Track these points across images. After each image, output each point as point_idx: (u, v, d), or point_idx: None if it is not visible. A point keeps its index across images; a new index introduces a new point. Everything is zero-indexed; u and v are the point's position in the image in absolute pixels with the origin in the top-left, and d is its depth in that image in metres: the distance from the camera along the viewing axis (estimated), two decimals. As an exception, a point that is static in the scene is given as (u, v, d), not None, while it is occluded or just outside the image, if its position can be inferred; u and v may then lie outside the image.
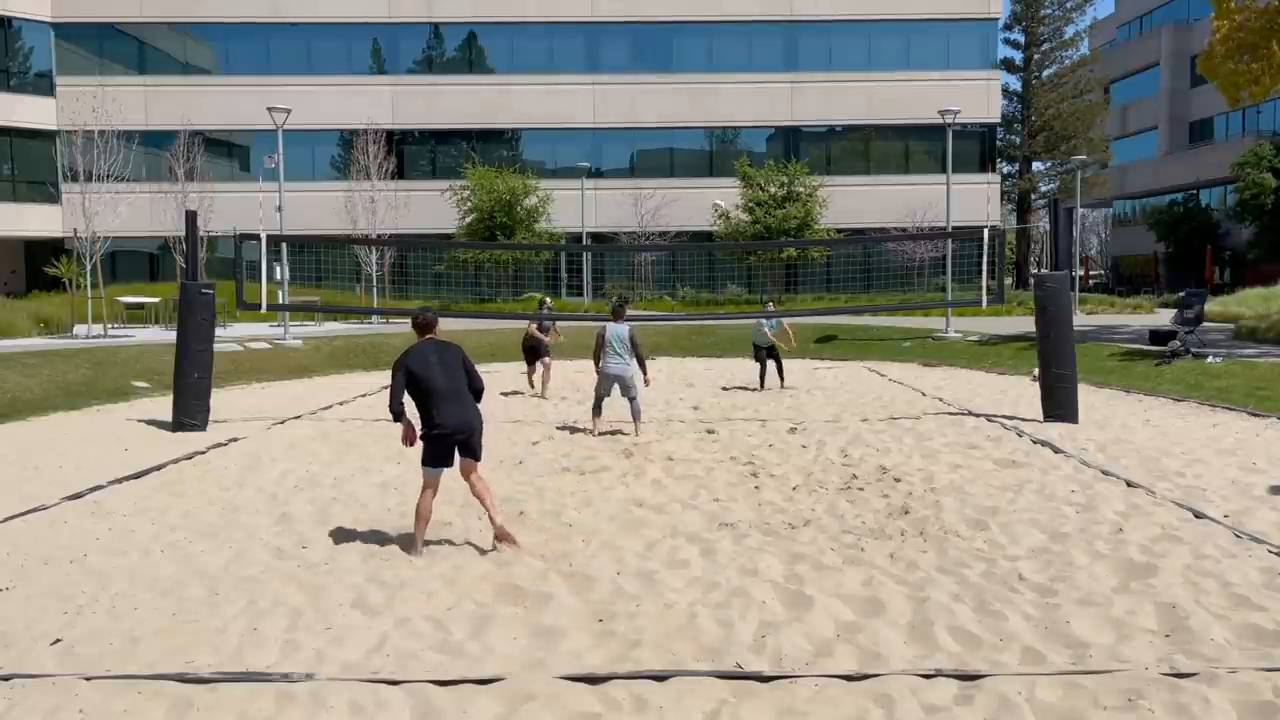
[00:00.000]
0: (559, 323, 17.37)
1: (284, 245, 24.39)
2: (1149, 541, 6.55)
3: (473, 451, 6.67)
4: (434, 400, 6.40)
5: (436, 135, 41.78)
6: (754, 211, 35.91)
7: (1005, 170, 51.05)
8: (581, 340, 24.99)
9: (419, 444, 6.62)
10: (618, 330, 11.53)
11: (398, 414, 6.44)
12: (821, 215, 36.76)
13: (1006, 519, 7.23)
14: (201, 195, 27.47)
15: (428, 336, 6.66)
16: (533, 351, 15.91)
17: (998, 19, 42.72)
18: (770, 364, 16.41)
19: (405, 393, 6.44)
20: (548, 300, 18.03)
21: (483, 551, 6.68)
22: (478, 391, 6.65)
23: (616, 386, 11.58)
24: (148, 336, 21.78)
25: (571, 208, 37.54)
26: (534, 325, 15.85)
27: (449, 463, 6.61)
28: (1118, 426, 11.52)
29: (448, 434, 6.48)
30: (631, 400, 11.57)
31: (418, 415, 6.57)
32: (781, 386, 16.36)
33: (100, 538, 7.05)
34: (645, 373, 11.71)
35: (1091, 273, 66.23)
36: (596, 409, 11.73)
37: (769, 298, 18.05)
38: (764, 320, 16.06)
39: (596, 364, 11.73)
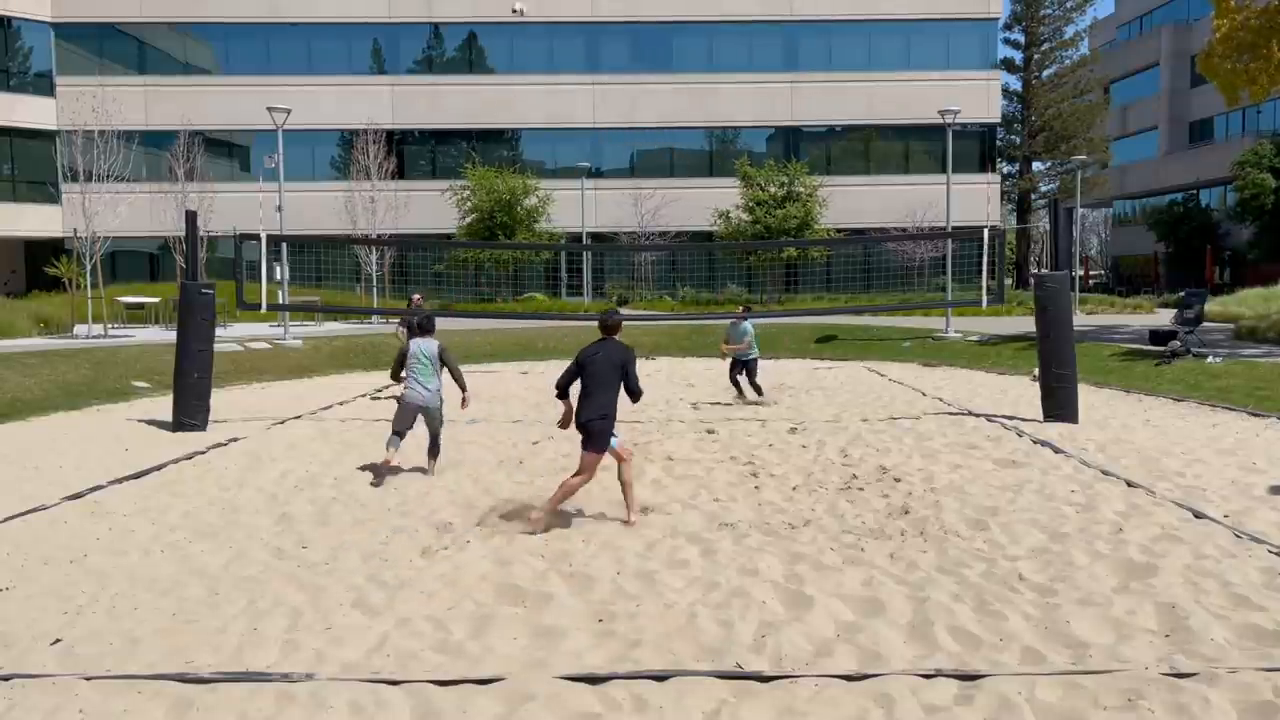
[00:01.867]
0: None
1: (284, 245, 24.40)
2: (1149, 541, 6.55)
3: (591, 445, 7.22)
4: (581, 393, 7.20)
5: (436, 135, 41.79)
6: (754, 211, 35.93)
7: (1005, 170, 51.06)
8: (583, 340, 25.02)
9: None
10: (424, 346, 9.32)
11: (559, 392, 7.35)
12: (821, 215, 36.78)
13: (1006, 519, 7.23)
14: (201, 195, 27.47)
15: (607, 337, 7.38)
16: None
17: (998, 19, 42.73)
18: (737, 374, 14.81)
19: (576, 380, 7.25)
20: (416, 295, 16.74)
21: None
22: (632, 393, 7.29)
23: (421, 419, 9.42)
24: (148, 336, 21.78)
25: (571, 208, 37.55)
26: (402, 330, 14.42)
27: (587, 446, 7.27)
28: (1118, 426, 11.52)
29: (579, 424, 7.20)
30: (434, 435, 9.50)
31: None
32: (739, 394, 14.80)
33: (100, 538, 7.05)
34: (465, 389, 9.50)
35: (1091, 273, 66.23)
36: (392, 442, 9.17)
37: (747, 299, 15.95)
38: (739, 326, 14.51)
39: (394, 378, 9.74)
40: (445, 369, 9.32)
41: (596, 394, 7.13)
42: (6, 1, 38.04)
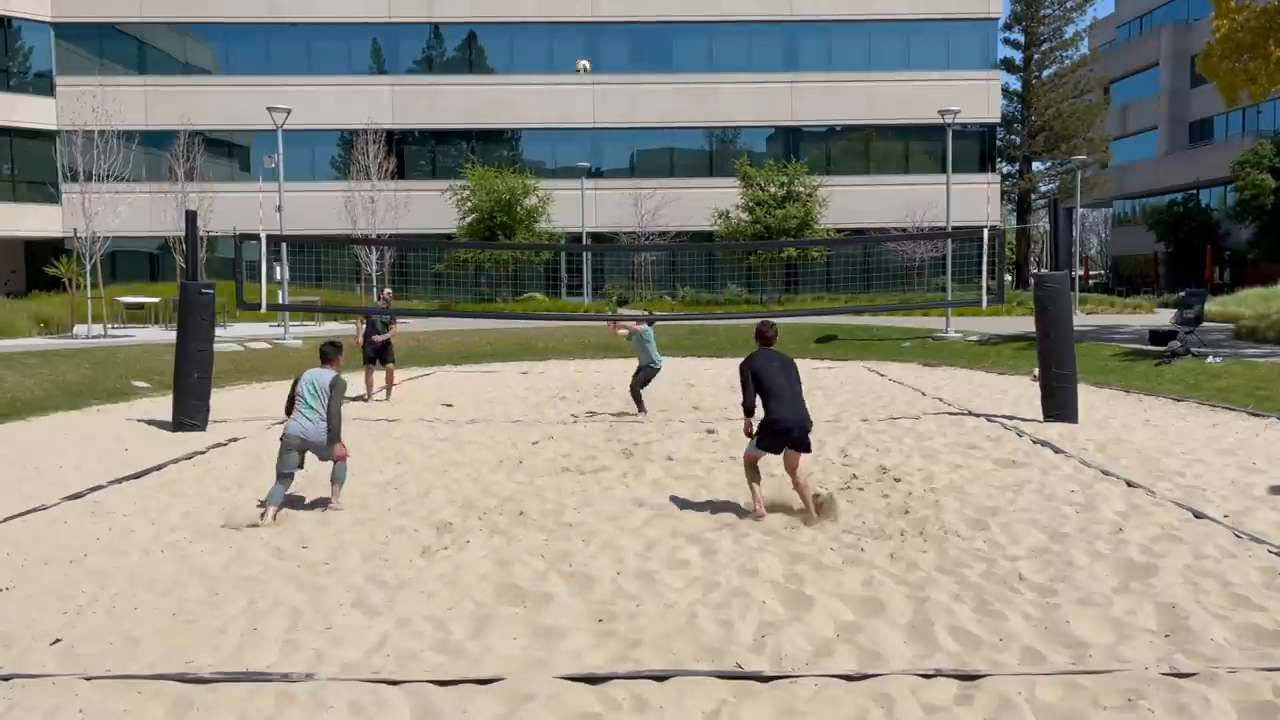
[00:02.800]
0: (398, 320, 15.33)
1: (284, 245, 24.39)
2: (1149, 541, 6.55)
3: (804, 446, 7.44)
4: (775, 398, 7.30)
5: (436, 135, 41.79)
6: (754, 211, 35.96)
7: (1005, 170, 51.05)
8: (583, 339, 25.02)
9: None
10: (317, 377, 7.93)
11: (750, 409, 7.44)
12: (821, 215, 36.81)
13: (1006, 519, 7.23)
14: (201, 195, 27.49)
15: (767, 347, 7.62)
16: (379, 355, 14.54)
17: (998, 19, 42.73)
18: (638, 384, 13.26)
19: (755, 391, 7.39)
20: (386, 290, 16.49)
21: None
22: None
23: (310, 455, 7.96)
24: (148, 336, 21.79)
25: (571, 208, 37.56)
26: (361, 325, 14.51)
27: (776, 450, 7.42)
28: (1118, 426, 11.52)
29: (786, 427, 7.28)
30: (334, 467, 8.04)
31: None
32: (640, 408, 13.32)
33: (100, 538, 7.05)
34: (338, 437, 7.85)
35: (1091, 273, 66.23)
36: (273, 496, 7.72)
37: (626, 298, 12.94)
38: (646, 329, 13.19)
39: (287, 413, 8.11)
40: (328, 405, 7.78)
41: (797, 399, 7.34)
42: (6, 1, 38.04)
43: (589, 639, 5.04)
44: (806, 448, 7.45)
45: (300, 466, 7.89)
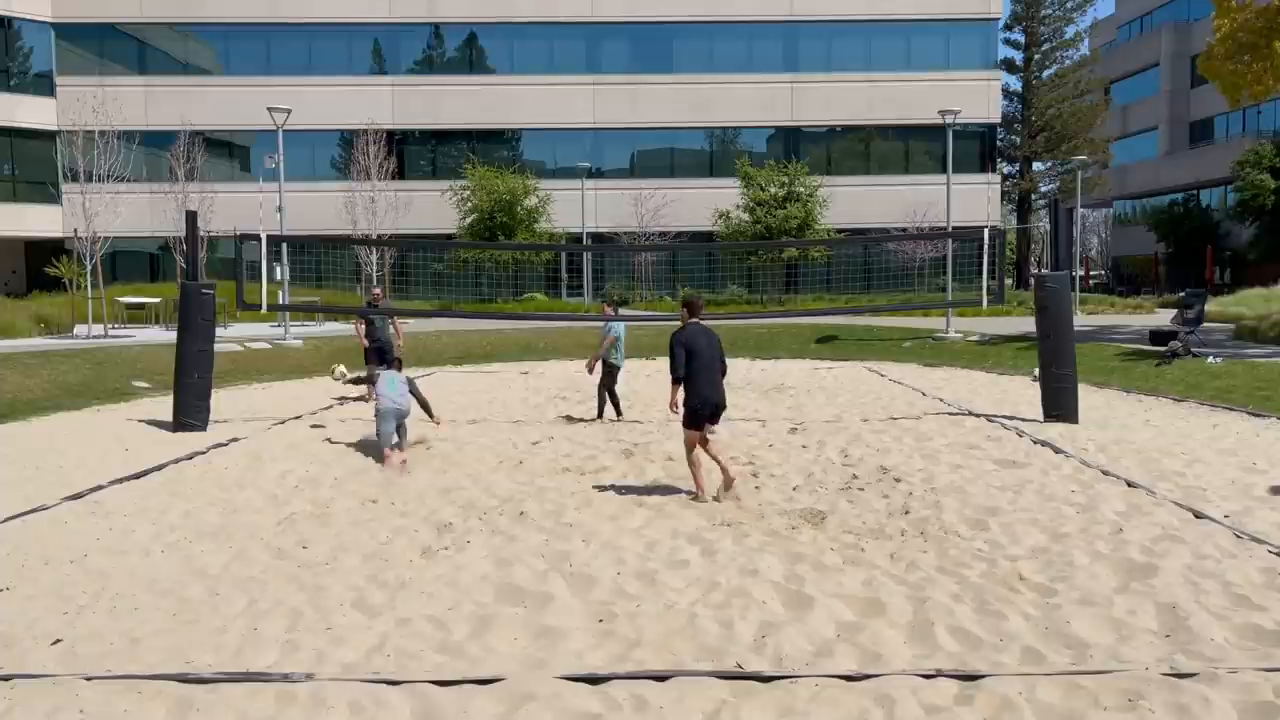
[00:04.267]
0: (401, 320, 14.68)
1: (284, 245, 24.38)
2: (1149, 541, 6.55)
3: (717, 417, 7.96)
4: (699, 373, 7.69)
5: (437, 135, 41.81)
6: (754, 212, 35.97)
7: (1005, 170, 51.06)
8: (583, 340, 25.00)
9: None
10: (394, 375, 10.13)
11: (680, 379, 7.75)
12: (822, 215, 36.82)
13: (1006, 519, 7.23)
14: (201, 195, 27.53)
15: (694, 320, 7.96)
16: (379, 353, 13.77)
17: (998, 19, 42.76)
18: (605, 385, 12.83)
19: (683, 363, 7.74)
20: (376, 290, 15.35)
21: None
22: (724, 371, 7.99)
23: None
24: (148, 336, 21.80)
25: (571, 208, 37.56)
26: (360, 325, 14.19)
27: (702, 425, 7.87)
28: (1118, 426, 11.51)
29: (705, 402, 7.73)
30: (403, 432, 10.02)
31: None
32: (619, 417, 12.82)
33: (101, 538, 7.05)
34: (430, 414, 10.50)
35: (1092, 273, 66.25)
36: (387, 440, 9.76)
37: (610, 297, 12.62)
38: (614, 328, 12.73)
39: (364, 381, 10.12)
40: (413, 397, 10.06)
41: (716, 375, 7.77)
42: (7, 1, 38.07)
43: (589, 639, 5.04)
44: (717, 420, 8.02)
45: (398, 430, 9.82)
